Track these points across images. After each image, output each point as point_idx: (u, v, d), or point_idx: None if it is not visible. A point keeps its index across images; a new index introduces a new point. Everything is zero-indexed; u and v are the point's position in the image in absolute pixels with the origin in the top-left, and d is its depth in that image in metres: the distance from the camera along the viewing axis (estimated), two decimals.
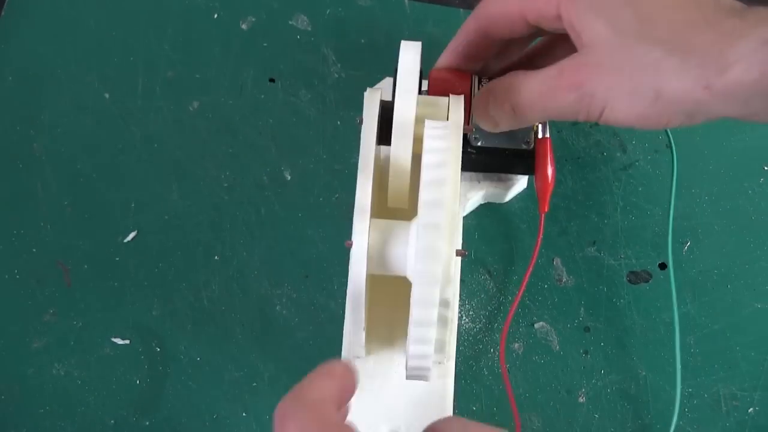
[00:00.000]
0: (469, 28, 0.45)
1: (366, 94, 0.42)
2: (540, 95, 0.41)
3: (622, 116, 0.39)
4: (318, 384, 0.35)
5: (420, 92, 0.48)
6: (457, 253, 0.41)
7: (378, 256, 0.40)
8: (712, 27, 0.37)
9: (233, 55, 0.56)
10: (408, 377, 0.40)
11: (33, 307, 0.51)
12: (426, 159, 0.39)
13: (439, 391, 0.46)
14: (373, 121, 0.41)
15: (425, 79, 0.48)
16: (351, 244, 0.39)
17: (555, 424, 0.48)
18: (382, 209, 0.43)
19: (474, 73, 0.48)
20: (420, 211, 0.38)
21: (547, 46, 0.47)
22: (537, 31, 0.43)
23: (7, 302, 0.51)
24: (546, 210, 0.49)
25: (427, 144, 0.39)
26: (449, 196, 0.39)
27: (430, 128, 0.40)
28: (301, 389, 0.35)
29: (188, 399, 0.49)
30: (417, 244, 0.38)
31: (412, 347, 0.38)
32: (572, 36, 0.40)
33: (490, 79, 0.46)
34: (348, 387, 0.37)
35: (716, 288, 0.50)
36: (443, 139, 0.39)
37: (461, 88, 0.47)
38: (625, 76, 0.38)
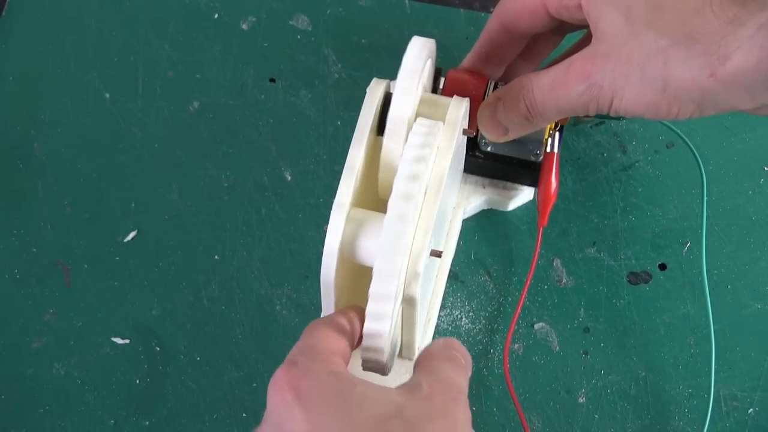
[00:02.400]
0: (490, 26, 0.45)
1: (370, 85, 0.42)
2: (551, 90, 0.41)
3: (632, 106, 0.39)
4: (328, 335, 0.35)
5: (436, 91, 0.48)
6: (433, 253, 0.41)
7: (351, 246, 0.40)
8: (716, 15, 0.37)
9: (233, 55, 0.56)
10: (364, 368, 0.40)
11: (33, 307, 0.51)
12: (406, 153, 0.39)
13: None
14: (369, 115, 0.41)
15: (443, 77, 0.48)
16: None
17: (555, 425, 0.48)
18: (374, 199, 0.43)
19: (494, 78, 0.48)
20: (390, 203, 0.38)
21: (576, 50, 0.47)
22: (560, 25, 0.43)
23: (7, 302, 0.51)
24: (545, 224, 0.48)
25: (410, 139, 0.40)
26: (421, 190, 0.39)
27: (419, 125, 0.40)
28: (312, 343, 0.34)
29: (188, 399, 0.49)
30: (381, 234, 0.38)
31: (365, 339, 0.38)
32: (590, 26, 0.40)
33: None
34: (352, 339, 0.38)
35: (716, 288, 0.50)
36: (427, 135, 0.40)
37: (475, 91, 0.47)
38: (634, 65, 0.38)
